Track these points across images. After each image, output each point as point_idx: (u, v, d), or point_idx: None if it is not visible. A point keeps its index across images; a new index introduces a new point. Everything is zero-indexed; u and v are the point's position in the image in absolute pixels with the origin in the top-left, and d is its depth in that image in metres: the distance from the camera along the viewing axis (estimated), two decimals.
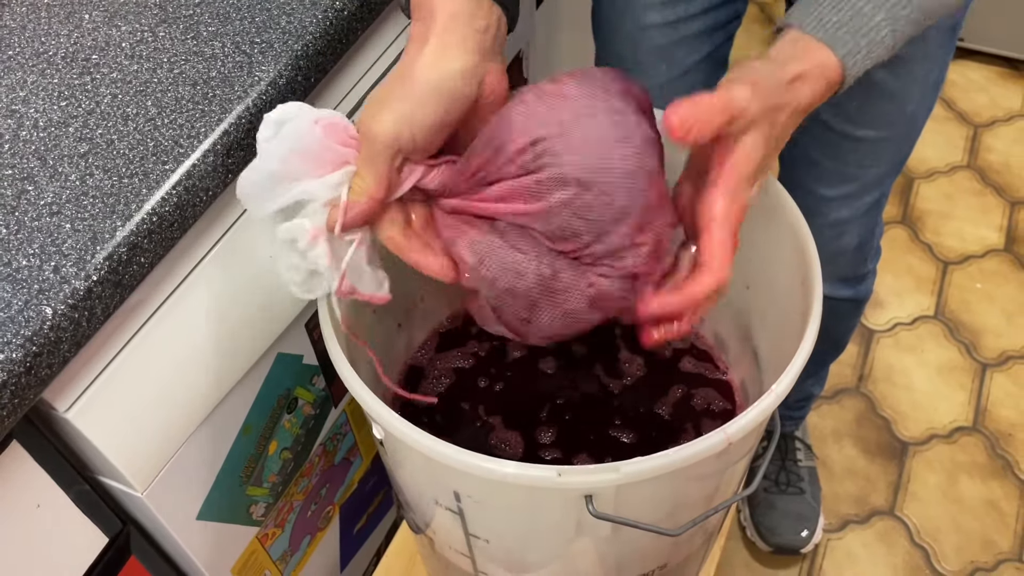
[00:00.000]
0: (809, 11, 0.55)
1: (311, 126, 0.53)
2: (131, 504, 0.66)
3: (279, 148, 0.53)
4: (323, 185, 0.54)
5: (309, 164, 0.54)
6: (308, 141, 0.53)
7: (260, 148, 0.54)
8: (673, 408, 0.73)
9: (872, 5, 0.53)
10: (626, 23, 0.86)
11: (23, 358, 0.50)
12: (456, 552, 0.67)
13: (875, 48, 0.54)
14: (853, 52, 0.54)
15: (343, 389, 0.83)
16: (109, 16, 0.68)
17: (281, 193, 0.54)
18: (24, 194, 0.57)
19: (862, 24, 0.54)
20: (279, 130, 0.53)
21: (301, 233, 0.55)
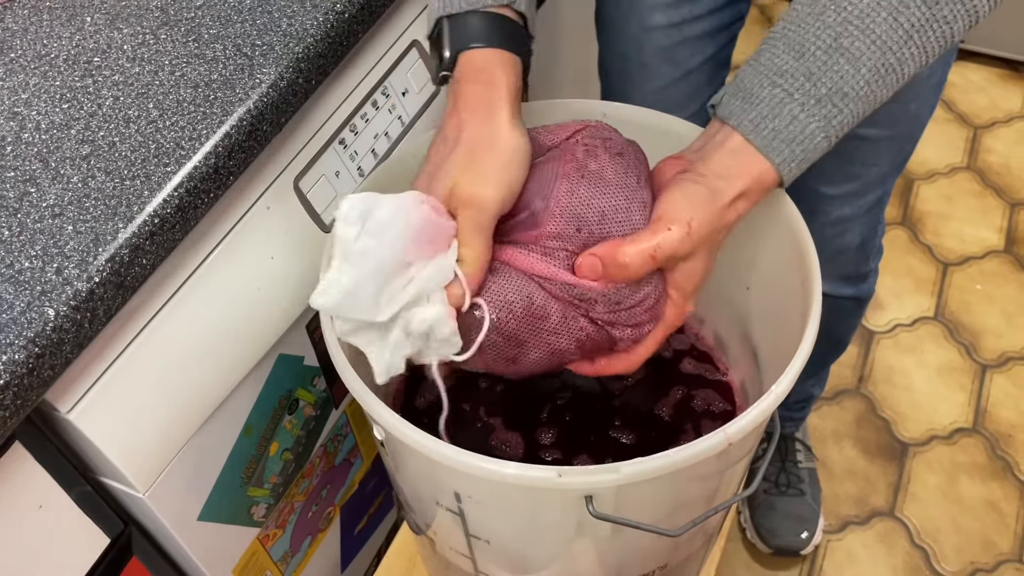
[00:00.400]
0: (747, 112, 0.56)
1: (418, 207, 0.52)
2: (133, 505, 0.67)
3: (388, 244, 0.51)
4: (440, 267, 0.53)
5: (424, 247, 0.53)
6: (421, 224, 0.52)
7: (350, 250, 0.50)
8: (673, 409, 0.73)
9: (806, 113, 0.55)
10: (631, 25, 0.87)
11: (25, 359, 0.51)
12: (457, 553, 0.67)
13: (810, 153, 0.57)
14: (788, 160, 0.56)
15: (344, 390, 0.84)
16: (111, 19, 0.69)
17: (399, 289, 0.52)
18: (26, 196, 0.57)
19: (797, 132, 0.55)
20: (364, 225, 0.51)
21: (440, 321, 0.54)
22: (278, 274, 0.70)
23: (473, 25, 0.57)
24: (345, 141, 0.74)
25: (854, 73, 0.54)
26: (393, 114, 0.78)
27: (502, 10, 0.58)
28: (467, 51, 0.57)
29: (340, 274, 0.51)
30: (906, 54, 0.54)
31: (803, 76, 0.55)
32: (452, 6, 0.58)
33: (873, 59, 0.54)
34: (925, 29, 0.53)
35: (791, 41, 0.55)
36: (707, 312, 0.79)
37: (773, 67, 0.56)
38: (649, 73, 0.89)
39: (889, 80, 0.55)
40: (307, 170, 0.71)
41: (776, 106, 0.55)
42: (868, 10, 0.53)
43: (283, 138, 0.69)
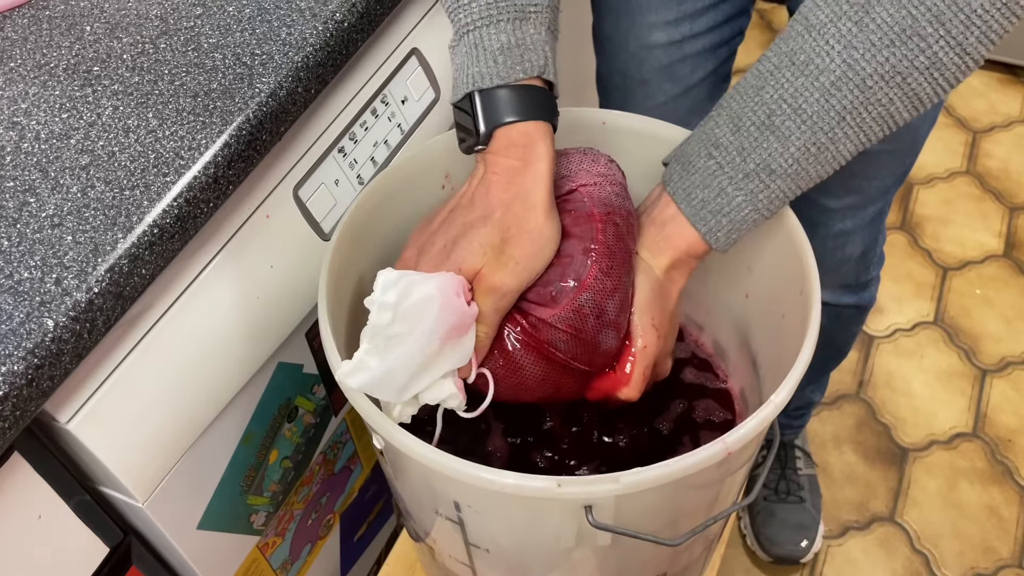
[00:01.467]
0: (682, 180, 0.59)
1: (453, 299, 0.54)
2: (132, 514, 0.67)
3: (420, 334, 0.53)
4: (462, 349, 0.56)
5: (454, 334, 0.54)
6: (455, 315, 0.54)
7: (382, 334, 0.53)
8: (673, 417, 0.73)
9: (734, 186, 0.57)
10: (630, 42, 0.86)
11: (24, 370, 0.51)
12: (456, 561, 0.67)
13: (738, 224, 0.59)
14: (715, 230, 0.59)
15: (343, 398, 0.84)
16: (110, 28, 0.69)
17: (424, 372, 0.54)
18: (26, 206, 0.57)
19: (724, 204, 0.58)
20: (397, 310, 0.53)
21: (453, 394, 0.57)
22: (277, 283, 0.70)
23: (505, 99, 0.56)
24: (344, 149, 0.74)
25: (782, 151, 0.55)
26: (392, 122, 0.78)
27: (532, 81, 0.57)
28: (502, 127, 0.56)
29: (370, 358, 0.54)
30: (839, 134, 0.54)
31: (735, 150, 0.57)
32: (483, 81, 0.57)
33: (803, 138, 0.54)
34: (859, 111, 0.53)
35: (731, 114, 0.57)
36: (707, 319, 0.79)
37: (712, 138, 0.58)
38: (650, 90, 0.89)
39: (823, 158, 0.55)
40: (306, 178, 0.71)
41: (708, 177, 0.58)
42: (802, 89, 0.53)
43: (282, 147, 0.69)
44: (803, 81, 0.53)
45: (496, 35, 0.57)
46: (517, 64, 0.57)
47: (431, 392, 0.56)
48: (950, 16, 0.49)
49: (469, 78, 0.57)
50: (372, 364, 0.53)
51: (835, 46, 0.52)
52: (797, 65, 0.53)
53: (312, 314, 0.74)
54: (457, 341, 0.55)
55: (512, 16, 0.57)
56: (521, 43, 0.57)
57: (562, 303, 0.57)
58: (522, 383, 0.60)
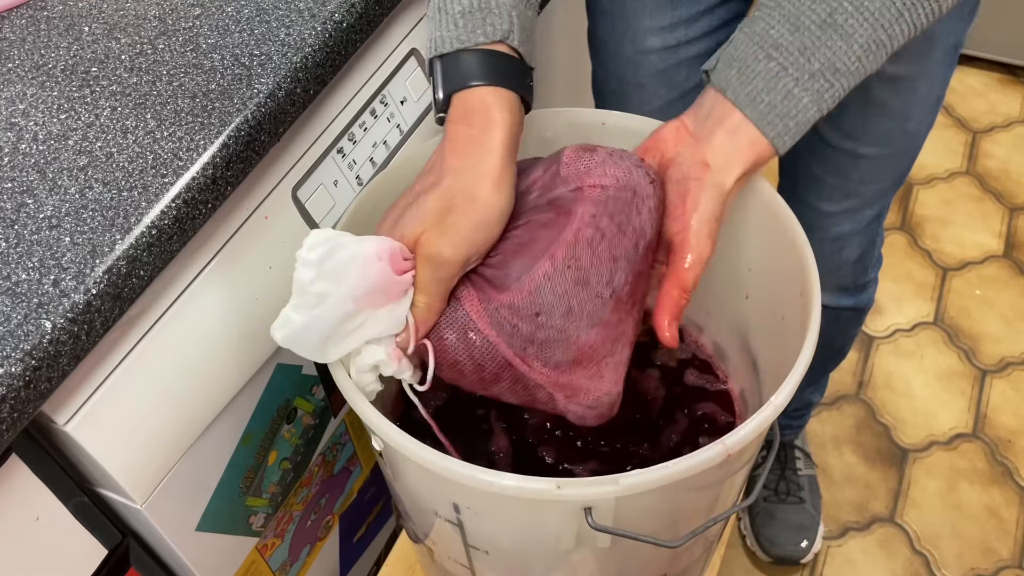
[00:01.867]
0: (743, 84, 0.57)
1: (374, 263, 0.53)
2: (130, 516, 0.66)
3: (339, 295, 0.52)
4: (390, 316, 0.54)
5: (376, 299, 0.53)
6: (373, 279, 0.53)
7: (306, 291, 0.52)
8: (673, 419, 0.73)
9: (800, 87, 0.56)
10: (626, 47, 0.86)
11: (22, 372, 0.50)
12: (455, 563, 0.67)
13: (803, 125, 0.58)
14: (783, 134, 0.57)
15: (342, 399, 0.84)
16: (109, 28, 0.69)
17: (346, 335, 0.54)
18: (23, 207, 0.57)
19: (791, 107, 0.56)
20: (321, 268, 0.52)
21: (383, 361, 0.56)
22: (276, 284, 0.69)
23: (466, 63, 0.55)
24: (343, 150, 0.74)
25: (847, 49, 0.55)
26: (392, 123, 0.78)
27: (496, 46, 0.55)
28: (460, 91, 0.55)
29: (295, 313, 0.53)
30: (896, 30, 0.54)
31: (797, 50, 0.55)
32: (443, 45, 0.55)
33: (865, 35, 0.54)
34: (916, 6, 0.54)
35: (786, 13, 0.56)
36: (707, 321, 0.79)
37: (768, 39, 0.56)
38: (645, 95, 0.88)
39: (879, 54, 0.55)
40: (305, 179, 0.71)
41: (771, 80, 0.56)
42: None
43: (281, 148, 0.69)
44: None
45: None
46: (478, 27, 0.55)
47: (362, 357, 0.56)
48: None
49: (432, 44, 0.56)
50: (295, 319, 0.52)
51: None
52: None
53: None
54: (387, 307, 0.54)
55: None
56: (485, 6, 0.55)
57: (509, 289, 0.55)
58: (458, 364, 0.58)
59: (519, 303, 0.55)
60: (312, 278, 0.52)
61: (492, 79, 0.55)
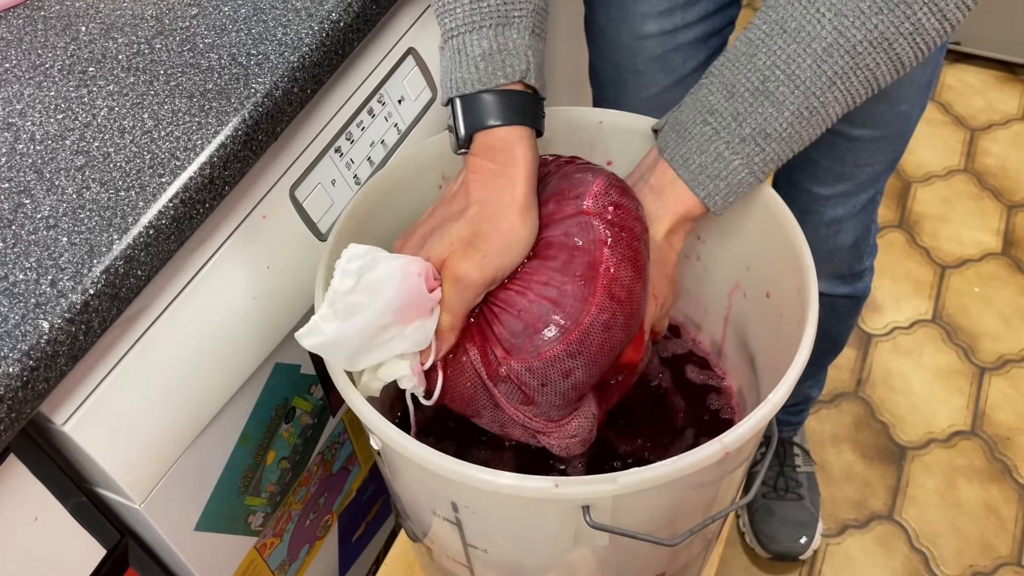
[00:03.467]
0: (679, 147, 0.61)
1: (413, 277, 0.55)
2: (129, 516, 0.66)
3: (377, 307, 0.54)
4: (418, 332, 0.56)
5: (408, 313, 0.55)
6: (410, 294, 0.55)
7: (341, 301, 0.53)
8: (671, 416, 0.73)
9: (731, 151, 0.59)
10: (623, 33, 0.87)
11: (20, 372, 0.50)
12: (454, 561, 0.67)
13: (735, 187, 0.60)
14: (713, 194, 0.60)
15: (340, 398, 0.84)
16: (106, 28, 0.69)
17: (375, 347, 0.56)
18: (21, 207, 0.57)
19: (721, 168, 0.59)
20: (360, 280, 0.53)
21: (407, 376, 0.58)
22: (274, 283, 0.70)
23: (486, 104, 0.57)
24: (341, 149, 0.74)
25: (777, 116, 0.57)
26: (389, 122, 0.78)
27: (514, 86, 0.58)
28: (482, 132, 0.58)
29: (325, 323, 0.54)
30: (829, 98, 0.56)
31: (730, 116, 0.58)
32: (465, 87, 0.58)
33: (796, 103, 0.56)
34: (848, 76, 0.55)
35: (724, 80, 0.58)
36: (704, 318, 0.79)
37: (706, 105, 0.59)
38: (642, 80, 0.89)
39: (814, 121, 0.57)
40: (303, 179, 0.71)
41: (704, 143, 0.59)
42: (795, 56, 0.55)
43: (279, 147, 0.69)
44: (795, 48, 0.55)
45: (478, 41, 0.57)
46: (498, 70, 0.57)
47: (387, 369, 0.58)
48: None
49: (452, 83, 0.58)
50: (327, 329, 0.54)
51: (826, 14, 0.54)
52: (789, 32, 0.55)
53: (309, 314, 0.74)
54: (416, 323, 0.56)
55: (495, 22, 0.57)
56: (503, 48, 0.57)
57: (520, 353, 0.57)
58: (454, 395, 0.62)
59: (525, 372, 0.57)
60: (350, 288, 0.53)
61: (511, 119, 0.57)
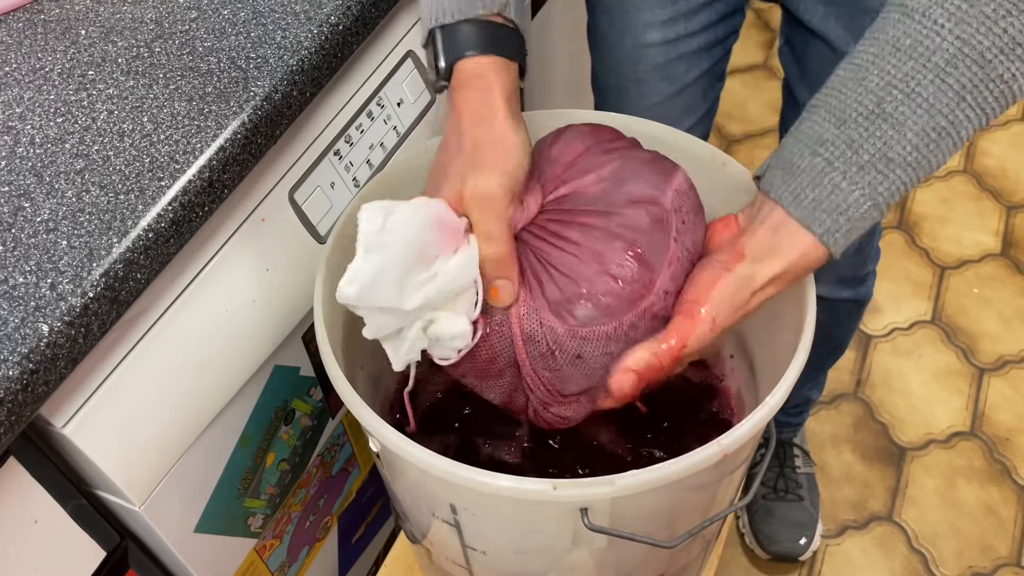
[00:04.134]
0: (787, 183, 0.55)
1: (436, 205, 0.55)
2: (129, 518, 0.67)
3: (409, 233, 0.53)
4: (465, 262, 0.55)
5: (444, 240, 0.55)
6: (439, 219, 0.55)
7: (373, 241, 0.52)
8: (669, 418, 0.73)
9: (848, 181, 0.53)
10: (625, 41, 0.87)
11: (20, 375, 0.51)
12: (453, 563, 0.67)
13: (857, 222, 0.54)
14: (832, 231, 0.54)
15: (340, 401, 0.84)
16: (105, 32, 0.69)
17: (421, 284, 0.54)
18: (20, 211, 0.57)
19: (840, 201, 0.53)
20: (386, 221, 0.53)
21: (462, 336, 0.57)
22: (274, 286, 0.70)
23: (465, 34, 0.58)
24: (340, 152, 0.74)
25: (899, 138, 0.51)
26: (388, 124, 0.78)
27: (493, 17, 0.59)
28: (461, 60, 0.58)
29: (364, 263, 0.52)
30: (960, 116, 0.50)
31: (844, 144, 0.52)
32: (444, 16, 0.58)
33: (920, 123, 0.51)
34: (980, 89, 0.50)
35: (832, 108, 0.53)
36: None
37: (814, 136, 0.54)
38: (644, 89, 0.89)
39: (944, 144, 0.52)
40: (302, 181, 0.71)
41: (816, 176, 0.53)
42: (913, 73, 0.50)
43: (278, 150, 0.69)
44: (912, 64, 0.50)
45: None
46: (477, 0, 0.58)
47: (445, 324, 0.56)
48: None
49: (432, 14, 0.59)
50: (367, 267, 0.52)
51: (945, 24, 0.49)
52: (903, 50, 0.50)
53: (308, 317, 0.74)
54: (456, 258, 0.55)
55: None
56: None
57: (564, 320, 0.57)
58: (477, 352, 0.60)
59: (567, 340, 0.57)
60: (378, 228, 0.52)
61: (490, 48, 0.58)
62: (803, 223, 0.54)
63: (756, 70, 1.96)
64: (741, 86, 1.93)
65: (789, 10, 0.84)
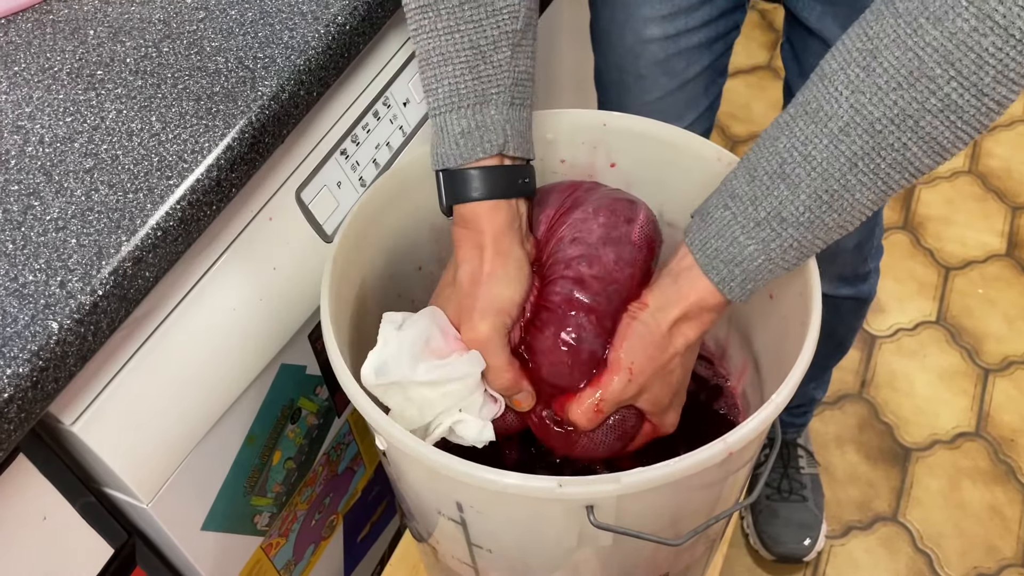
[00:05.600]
0: (699, 232, 0.59)
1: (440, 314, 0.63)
2: (136, 515, 0.67)
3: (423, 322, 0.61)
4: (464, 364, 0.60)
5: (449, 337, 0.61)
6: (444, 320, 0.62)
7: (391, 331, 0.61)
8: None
9: (746, 235, 0.56)
10: (627, 37, 0.87)
11: (30, 372, 0.51)
12: (459, 561, 0.67)
13: (752, 274, 0.57)
14: (727, 279, 0.58)
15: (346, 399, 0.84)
16: (114, 32, 0.69)
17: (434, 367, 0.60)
18: (30, 209, 0.58)
19: (736, 253, 0.57)
20: (404, 320, 0.62)
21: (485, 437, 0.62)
22: (280, 284, 0.70)
23: (464, 180, 0.61)
24: (347, 151, 0.74)
25: (792, 198, 0.54)
26: (394, 124, 0.79)
27: (492, 160, 0.61)
28: (458, 205, 0.62)
29: (383, 345, 0.60)
30: (852, 181, 0.52)
31: (748, 200, 0.56)
32: (447, 161, 0.61)
33: (813, 185, 0.53)
34: (872, 157, 0.51)
35: (748, 165, 0.57)
36: None
37: (728, 190, 0.58)
38: (646, 85, 0.89)
39: (837, 206, 0.54)
40: (309, 181, 0.71)
41: (723, 227, 0.57)
42: (811, 136, 0.52)
43: (285, 149, 0.69)
44: (813, 128, 0.52)
45: (457, 120, 0.60)
46: (477, 146, 0.60)
47: (465, 425, 0.61)
48: (959, 56, 0.46)
49: (436, 157, 0.62)
50: (386, 349, 0.59)
51: (843, 91, 0.51)
52: (809, 114, 0.52)
53: (315, 316, 0.75)
54: (460, 356, 0.60)
55: (472, 102, 0.60)
56: (481, 126, 0.60)
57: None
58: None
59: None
60: (399, 323, 0.61)
61: (487, 193, 0.61)
62: (703, 269, 0.58)
63: (760, 71, 1.96)
64: (745, 87, 1.93)
65: (789, 9, 0.84)
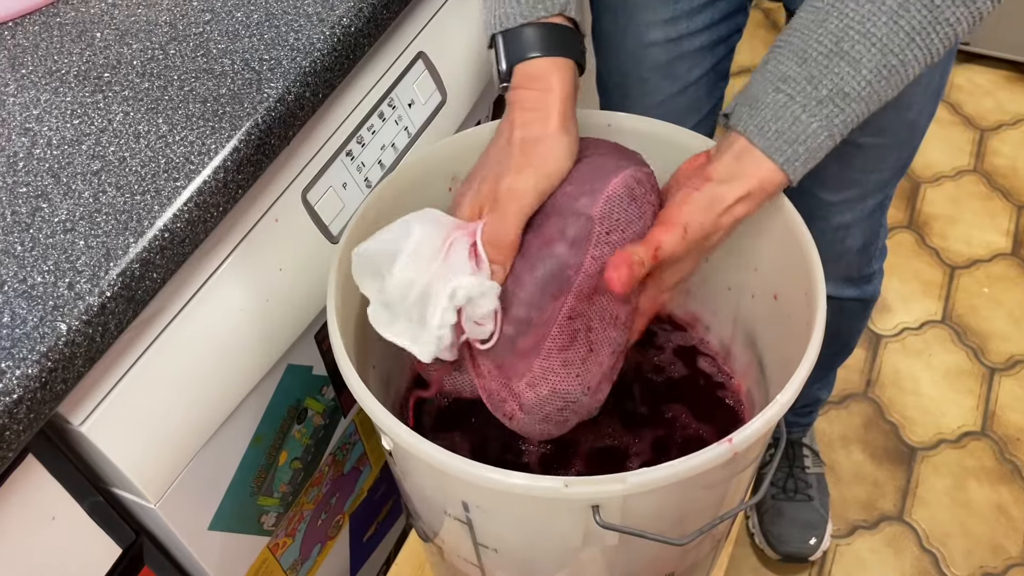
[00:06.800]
0: (753, 117, 0.60)
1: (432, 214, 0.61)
2: (144, 515, 0.67)
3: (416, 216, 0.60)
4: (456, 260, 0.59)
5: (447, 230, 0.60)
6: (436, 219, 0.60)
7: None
8: (679, 416, 0.74)
9: (808, 114, 0.58)
10: (628, 40, 0.87)
11: (38, 373, 0.51)
12: (465, 561, 0.67)
13: (815, 151, 0.59)
14: (792, 159, 0.59)
15: (352, 399, 0.84)
16: (120, 34, 0.69)
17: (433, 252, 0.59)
18: (39, 211, 0.58)
19: (799, 132, 0.58)
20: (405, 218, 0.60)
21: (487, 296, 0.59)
22: (287, 285, 0.70)
23: (527, 37, 0.60)
24: (352, 153, 0.75)
25: (855, 75, 0.57)
26: (400, 125, 0.79)
27: (554, 19, 0.61)
28: (522, 62, 0.61)
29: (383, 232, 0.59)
30: (909, 56, 0.56)
31: (805, 80, 0.58)
32: (508, 21, 0.61)
33: (874, 61, 0.56)
34: (928, 31, 0.55)
35: (794, 48, 0.58)
36: (712, 319, 0.79)
37: (777, 74, 0.59)
38: (648, 88, 0.89)
39: (893, 80, 0.57)
40: (315, 182, 0.72)
41: (779, 109, 0.58)
42: (869, 15, 0.55)
43: (291, 151, 0.70)
44: (868, 7, 0.55)
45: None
46: (539, 3, 0.60)
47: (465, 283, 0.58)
48: None
49: (495, 19, 0.61)
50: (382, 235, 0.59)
51: None
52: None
53: (321, 316, 0.75)
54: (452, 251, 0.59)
55: None
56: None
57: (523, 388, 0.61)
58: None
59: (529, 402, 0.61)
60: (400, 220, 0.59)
61: (551, 50, 0.60)
62: (766, 152, 0.59)
63: None
64: None
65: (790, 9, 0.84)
